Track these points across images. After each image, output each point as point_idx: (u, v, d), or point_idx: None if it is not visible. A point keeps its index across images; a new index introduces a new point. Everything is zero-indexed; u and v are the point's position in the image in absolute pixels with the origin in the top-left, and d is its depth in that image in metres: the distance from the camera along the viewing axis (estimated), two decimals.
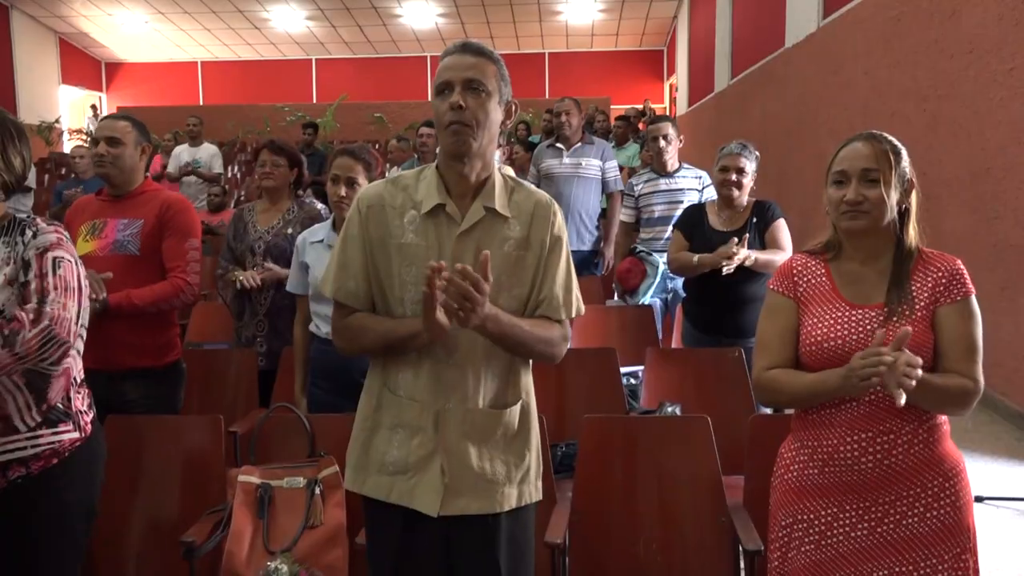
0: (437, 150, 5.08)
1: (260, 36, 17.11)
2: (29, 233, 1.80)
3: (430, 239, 1.71)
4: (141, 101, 17.06)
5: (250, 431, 3.04)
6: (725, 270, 3.12)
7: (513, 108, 1.77)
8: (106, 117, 2.86)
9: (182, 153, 7.86)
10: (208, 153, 7.86)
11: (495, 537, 1.74)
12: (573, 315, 1.79)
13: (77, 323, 1.80)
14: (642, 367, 3.63)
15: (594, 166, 4.94)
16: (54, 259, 1.80)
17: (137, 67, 18.34)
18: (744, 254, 3.13)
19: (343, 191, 2.70)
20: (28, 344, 1.69)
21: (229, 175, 11.06)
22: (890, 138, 1.81)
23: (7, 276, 1.75)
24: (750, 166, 3.42)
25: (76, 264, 1.84)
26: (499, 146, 5.83)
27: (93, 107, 15.67)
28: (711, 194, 4.14)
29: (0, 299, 1.73)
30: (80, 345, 1.83)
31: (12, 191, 1.83)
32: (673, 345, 4.04)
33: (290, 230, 3.42)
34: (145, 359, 2.70)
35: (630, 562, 2.38)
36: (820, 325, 1.78)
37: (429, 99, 1.81)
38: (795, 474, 1.82)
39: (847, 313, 1.78)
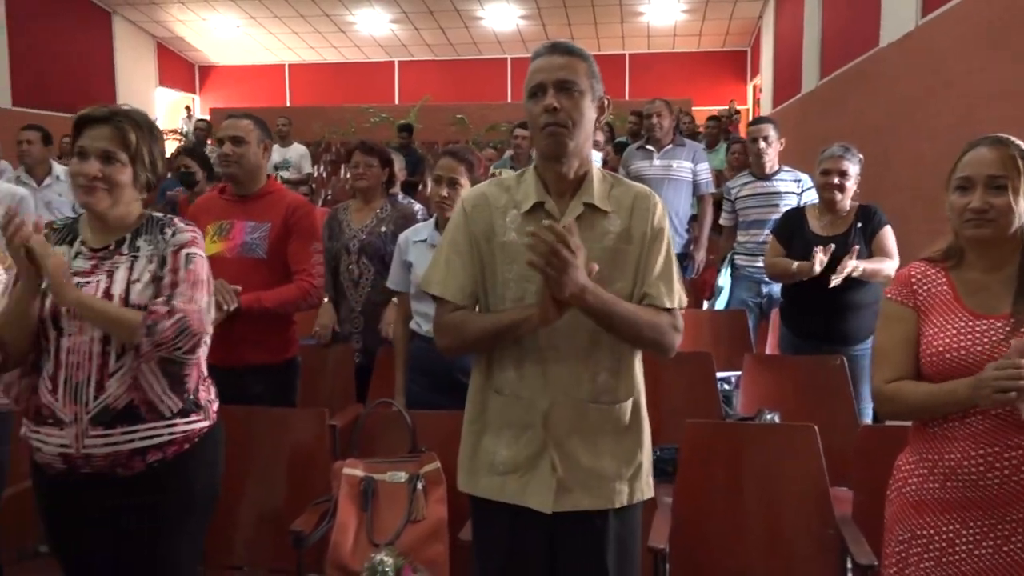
0: (532, 151, 5.12)
1: (345, 39, 17.47)
2: (169, 232, 1.88)
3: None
4: (232, 103, 17.60)
5: (348, 425, 3.12)
6: (833, 282, 3.05)
7: (606, 104, 1.77)
8: (229, 116, 2.91)
9: (272, 153, 8.07)
10: (297, 153, 8.05)
11: (603, 537, 1.74)
12: (675, 304, 1.76)
13: (208, 315, 1.87)
14: (735, 373, 3.58)
15: (685, 168, 4.89)
16: (187, 255, 1.87)
17: (228, 70, 18.95)
18: (852, 264, 3.06)
19: (445, 191, 2.74)
20: (164, 333, 1.76)
21: (316, 175, 11.33)
22: (1018, 142, 1.73)
23: (152, 273, 1.83)
24: (853, 169, 3.33)
25: (205, 260, 1.92)
26: (599, 147, 5.83)
27: (187, 109, 16.26)
28: (810, 198, 4.05)
29: (147, 295, 1.81)
30: (208, 338, 1.90)
31: (153, 190, 1.92)
32: (768, 351, 3.97)
33: (383, 229, 3.50)
34: (267, 355, 2.78)
35: (733, 571, 2.35)
36: (942, 335, 1.72)
37: (509, 100, 1.82)
38: (914, 488, 1.76)
39: (971, 323, 1.71)
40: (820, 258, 3.09)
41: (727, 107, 13.17)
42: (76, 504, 1.85)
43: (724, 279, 4.38)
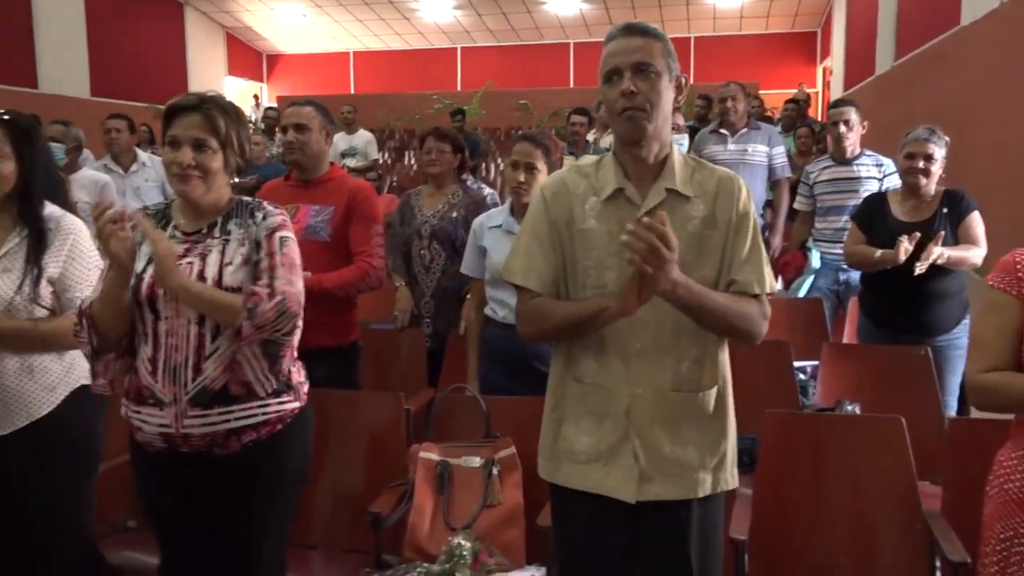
0: (589, 136, 5.07)
1: (408, 26, 17.58)
2: (259, 215, 1.91)
3: (611, 224, 1.69)
4: (298, 91, 17.89)
5: (420, 409, 3.15)
6: (917, 270, 2.95)
7: (683, 83, 1.73)
8: (293, 103, 2.95)
9: (339, 141, 8.17)
10: (363, 140, 8.12)
11: (686, 526, 1.71)
12: (766, 290, 1.72)
13: (303, 298, 1.89)
14: (811, 362, 3.50)
15: (761, 152, 4.77)
16: (281, 238, 1.90)
17: (294, 58, 19.27)
18: (937, 252, 2.94)
19: (522, 176, 2.72)
20: (266, 315, 1.79)
21: (381, 161, 11.45)
22: None
23: (244, 256, 1.87)
24: (939, 152, 3.21)
25: (296, 242, 1.95)
26: (680, 129, 5.74)
27: (255, 97, 16.60)
28: (892, 183, 3.91)
29: (239, 277, 1.84)
30: (301, 320, 1.93)
31: (242, 174, 1.95)
32: (845, 340, 3.86)
33: (455, 214, 3.50)
34: (329, 338, 2.81)
35: (815, 564, 2.30)
36: None
37: (572, 86, 1.79)
38: (1017, 484, 1.69)
39: None
40: (905, 247, 2.99)
41: (796, 90, 12.84)
42: (174, 482, 1.91)
43: (816, 261, 4.23)
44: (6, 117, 2.16)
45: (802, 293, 4.28)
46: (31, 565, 2.27)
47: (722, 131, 4.87)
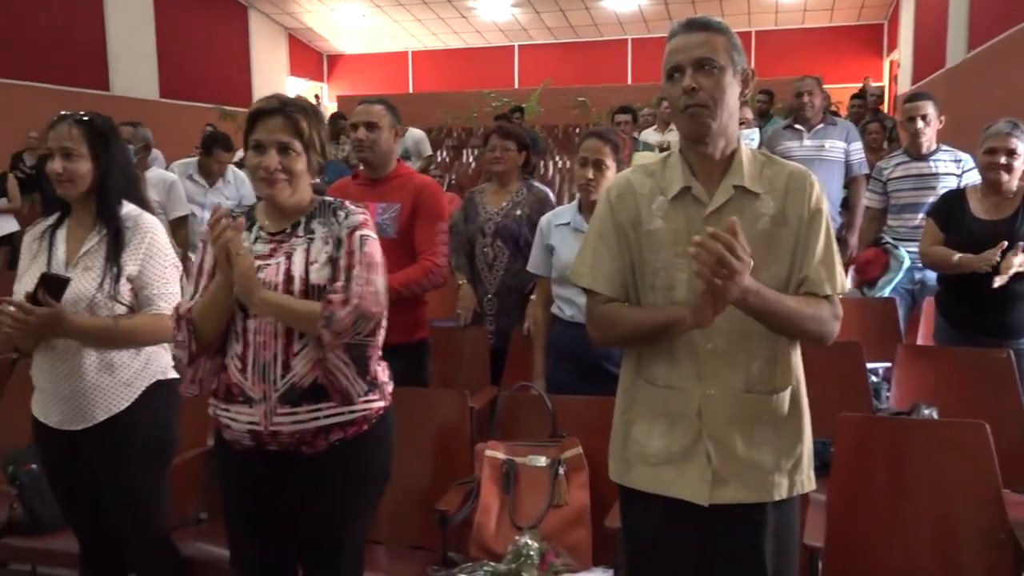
0: (637, 135, 4.97)
1: (466, 24, 17.64)
2: (341, 214, 1.92)
3: (678, 223, 1.67)
4: (357, 90, 18.12)
5: (484, 407, 3.16)
6: (996, 282, 2.84)
7: (750, 76, 1.68)
8: (363, 102, 2.96)
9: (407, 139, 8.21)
10: (413, 139, 8.14)
11: (760, 530, 1.67)
12: (838, 291, 1.67)
13: (385, 296, 1.90)
14: (883, 364, 3.40)
15: (838, 148, 4.63)
16: (361, 237, 1.91)
17: (354, 58, 19.50)
18: (1018, 262, 2.83)
19: (591, 173, 2.70)
20: (343, 323, 1.80)
21: (438, 159, 11.51)
22: None
23: (328, 254, 1.88)
24: (1021, 147, 3.08)
25: (377, 241, 1.95)
26: (749, 124, 5.64)
27: (316, 97, 16.84)
28: (971, 180, 3.77)
29: (324, 275, 1.85)
30: (385, 320, 1.93)
31: (321, 172, 1.96)
32: (919, 341, 3.74)
33: (519, 212, 3.49)
34: (398, 336, 2.82)
35: (894, 574, 2.22)
36: None
37: (630, 82, 1.76)
38: None
39: None
40: (993, 260, 2.86)
41: (862, 84, 12.50)
42: (261, 480, 1.93)
43: (906, 258, 4.04)
44: (84, 118, 2.22)
45: (888, 291, 4.13)
46: (111, 556, 2.34)
47: (797, 126, 4.74)
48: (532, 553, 2.18)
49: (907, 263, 3.89)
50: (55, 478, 2.31)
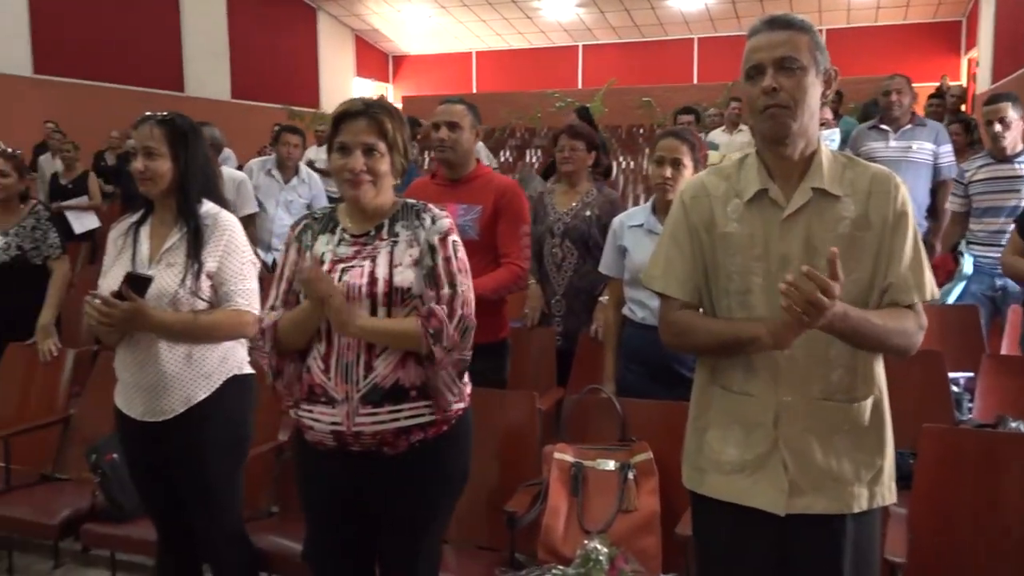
0: (712, 133, 4.88)
1: (531, 25, 17.66)
2: (427, 218, 1.92)
3: (754, 227, 1.63)
4: (422, 91, 18.31)
5: (550, 408, 3.14)
6: None
7: (833, 76, 1.63)
8: (445, 101, 2.96)
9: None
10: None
11: (840, 541, 1.63)
12: (927, 298, 1.61)
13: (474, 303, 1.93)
14: (965, 374, 3.27)
15: (926, 150, 4.45)
16: (453, 242, 1.92)
17: (418, 59, 19.70)
18: None
19: (668, 172, 2.66)
20: (452, 338, 1.84)
21: (501, 160, 11.54)
22: None
23: (413, 257, 1.88)
24: None
25: (462, 245, 1.96)
26: (830, 124, 5.50)
27: (382, 98, 17.10)
28: None
29: (408, 277, 1.86)
30: None
31: (403, 173, 1.97)
32: (1004, 351, 3.59)
33: (588, 213, 3.47)
34: (481, 336, 2.81)
35: None
36: None
37: (695, 82, 1.72)
38: None
39: None
40: None
41: (938, 83, 12.09)
42: (342, 480, 1.94)
43: (968, 266, 3.95)
44: (166, 118, 2.28)
45: (951, 300, 4.00)
46: (187, 546, 2.40)
47: (883, 127, 4.57)
48: (601, 558, 2.15)
49: (968, 272, 3.77)
50: (136, 468, 2.37)
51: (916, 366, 2.96)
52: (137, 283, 2.11)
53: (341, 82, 17.63)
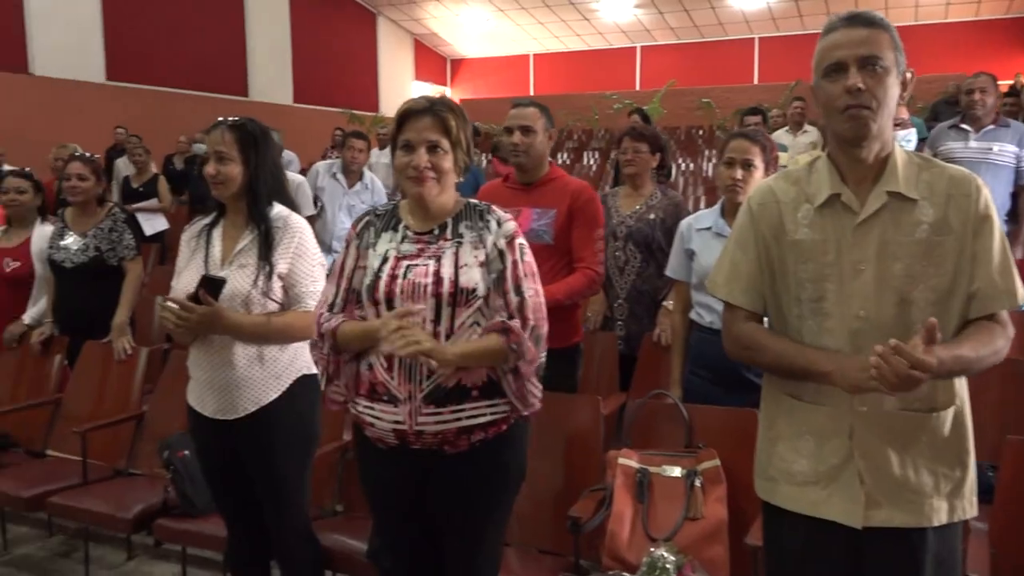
0: (776, 134, 4.76)
1: (588, 26, 17.60)
2: (492, 220, 1.93)
3: (826, 232, 1.58)
4: (479, 94, 18.40)
5: (612, 413, 3.11)
6: None
7: (910, 79, 1.57)
8: (516, 105, 2.94)
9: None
10: None
11: (920, 556, 1.57)
12: (1019, 303, 1.55)
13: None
14: None
15: (1008, 152, 4.28)
16: (520, 246, 1.92)
17: (476, 62, 19.80)
18: None
19: (739, 174, 2.61)
20: (531, 352, 1.87)
21: (559, 162, 11.52)
22: None
23: (479, 259, 1.88)
24: None
25: (528, 247, 1.97)
26: (904, 125, 5.35)
27: (445, 96, 17.24)
28: None
29: (474, 278, 1.86)
30: None
31: (466, 171, 1.97)
32: None
33: (652, 216, 3.43)
34: (554, 341, 2.79)
35: None
36: None
37: (756, 82, 1.67)
38: None
39: None
40: None
41: (1013, 81, 11.66)
42: (403, 477, 1.96)
43: None
44: (237, 123, 2.32)
45: None
46: (256, 542, 2.44)
47: (963, 126, 4.41)
48: (668, 566, 2.12)
49: None
50: (207, 465, 2.42)
51: (998, 375, 2.85)
52: (211, 285, 2.15)
53: (400, 86, 17.83)
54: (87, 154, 3.91)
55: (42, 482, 3.11)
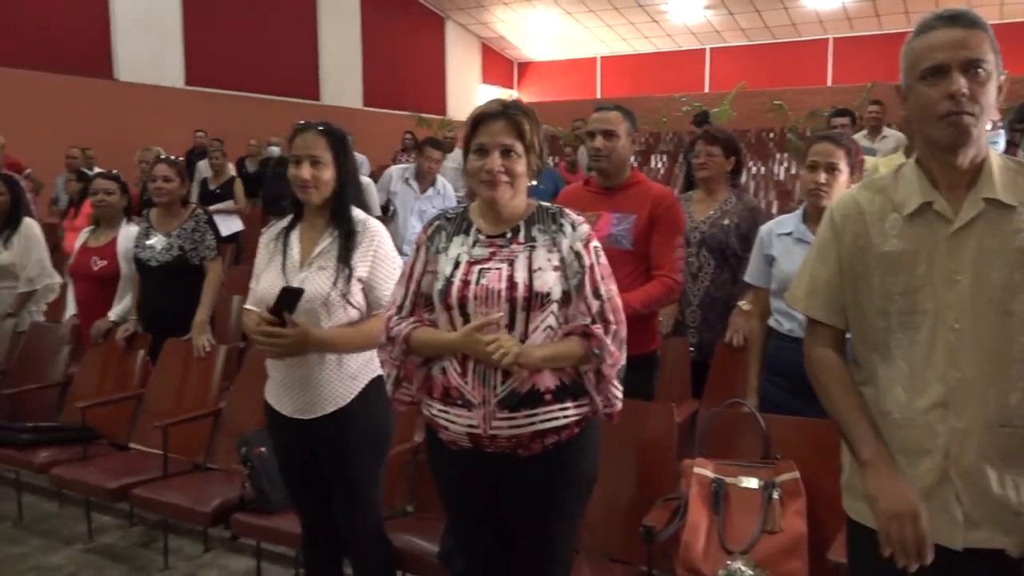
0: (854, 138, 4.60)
1: (657, 28, 17.46)
2: (566, 224, 1.92)
3: (918, 243, 1.51)
4: (546, 96, 18.43)
5: (684, 421, 3.05)
6: None
7: (1005, 82, 1.49)
8: (600, 108, 2.91)
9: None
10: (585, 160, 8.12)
11: None
12: None
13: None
14: None
15: None
16: (595, 248, 1.92)
17: (543, 65, 19.83)
18: None
19: (822, 177, 2.54)
20: (614, 355, 1.88)
21: None
22: None
23: (552, 263, 1.88)
24: None
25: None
26: (995, 126, 5.15)
27: (518, 99, 17.31)
28: None
29: (548, 282, 1.86)
30: None
31: (539, 174, 1.97)
32: None
33: (727, 221, 3.37)
34: (631, 348, 2.77)
35: None
36: None
37: (829, 84, 1.59)
38: None
39: None
40: None
41: None
42: (476, 479, 1.97)
43: None
44: (328, 128, 2.34)
45: None
46: (330, 540, 2.47)
47: None
48: None
49: None
50: (284, 463, 2.47)
51: None
52: (291, 296, 2.18)
53: (467, 89, 17.99)
54: (172, 156, 4.04)
55: (125, 474, 3.22)
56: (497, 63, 19.38)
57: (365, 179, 5.05)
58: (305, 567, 2.60)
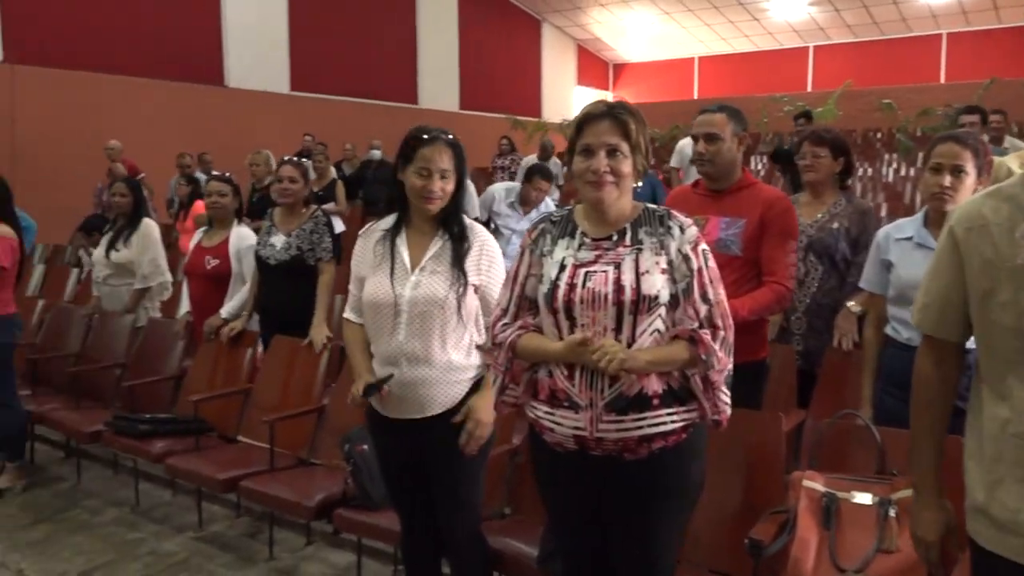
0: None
1: (757, 27, 17.03)
2: (674, 226, 1.88)
3: None
4: (641, 98, 18.22)
5: (790, 432, 2.95)
6: None
7: None
8: (704, 111, 2.84)
9: (686, 147, 8.10)
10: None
11: None
12: None
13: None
14: None
15: None
16: (703, 251, 1.88)
17: (639, 66, 19.63)
18: None
19: (947, 180, 2.40)
20: (722, 361, 1.85)
21: None
22: None
23: (660, 265, 1.85)
24: None
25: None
26: None
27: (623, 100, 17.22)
28: None
29: (655, 285, 1.83)
30: None
31: (644, 175, 1.94)
32: None
33: (835, 225, 3.24)
34: (739, 356, 2.70)
35: None
36: None
37: (943, 81, 1.47)
38: None
39: None
40: None
41: None
42: (581, 482, 1.95)
43: None
44: (451, 140, 2.32)
45: None
46: (429, 539, 2.50)
47: None
48: None
49: None
50: (387, 463, 2.50)
51: None
52: (380, 385, 2.27)
53: (562, 91, 17.98)
54: (295, 159, 4.16)
55: (234, 466, 3.34)
56: (592, 65, 19.30)
57: (469, 187, 5.12)
58: (405, 564, 2.63)
